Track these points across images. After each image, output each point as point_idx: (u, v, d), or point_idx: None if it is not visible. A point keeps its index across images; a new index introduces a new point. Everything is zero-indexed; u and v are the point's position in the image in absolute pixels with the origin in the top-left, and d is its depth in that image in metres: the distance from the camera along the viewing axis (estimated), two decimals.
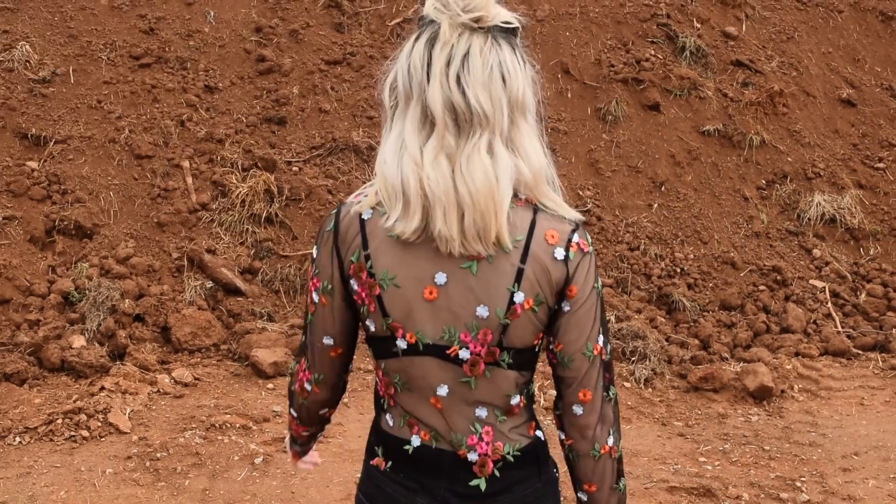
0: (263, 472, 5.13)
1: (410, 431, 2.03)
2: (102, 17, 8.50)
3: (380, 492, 2.08)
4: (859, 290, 7.96)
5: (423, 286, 1.91)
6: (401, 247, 1.90)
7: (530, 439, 2.08)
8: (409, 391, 2.01)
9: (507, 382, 1.98)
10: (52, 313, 6.52)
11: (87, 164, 7.49)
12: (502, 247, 1.86)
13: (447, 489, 2.02)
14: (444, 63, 1.82)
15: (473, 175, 1.81)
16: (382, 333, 1.98)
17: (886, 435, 6.01)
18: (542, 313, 1.94)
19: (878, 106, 9.54)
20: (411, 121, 1.86)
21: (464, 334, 1.93)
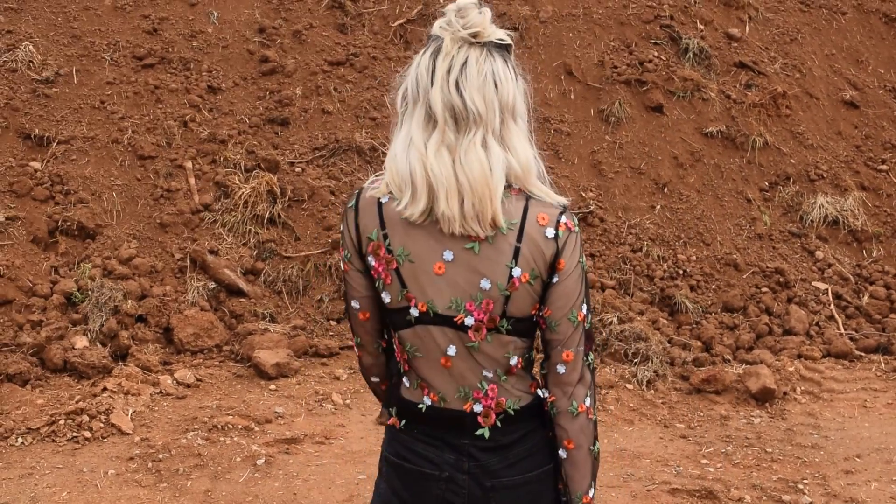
0: (265, 473, 5.13)
1: (422, 394, 2.32)
2: (106, 17, 8.51)
3: (410, 452, 2.35)
4: (862, 292, 7.95)
5: (433, 262, 2.21)
6: (412, 228, 2.20)
7: (532, 396, 2.35)
8: (422, 357, 2.29)
9: (505, 346, 2.27)
10: (54, 314, 6.52)
11: (90, 164, 7.49)
12: (498, 228, 2.16)
13: (463, 444, 2.31)
14: (445, 70, 2.15)
15: (471, 165, 2.12)
16: (398, 304, 2.26)
17: (889, 437, 6.00)
18: (538, 286, 2.23)
19: (881, 108, 9.53)
20: (417, 121, 2.18)
21: (469, 304, 2.22)
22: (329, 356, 6.77)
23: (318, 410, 6.00)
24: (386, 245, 2.23)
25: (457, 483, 2.32)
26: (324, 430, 5.71)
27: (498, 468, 2.32)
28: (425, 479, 2.34)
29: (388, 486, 2.43)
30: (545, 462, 2.37)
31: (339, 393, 6.23)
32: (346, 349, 6.87)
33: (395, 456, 2.39)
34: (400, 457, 2.37)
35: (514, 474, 2.33)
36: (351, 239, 2.29)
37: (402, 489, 2.39)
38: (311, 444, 5.52)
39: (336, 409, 6.04)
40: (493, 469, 2.32)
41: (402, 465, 2.38)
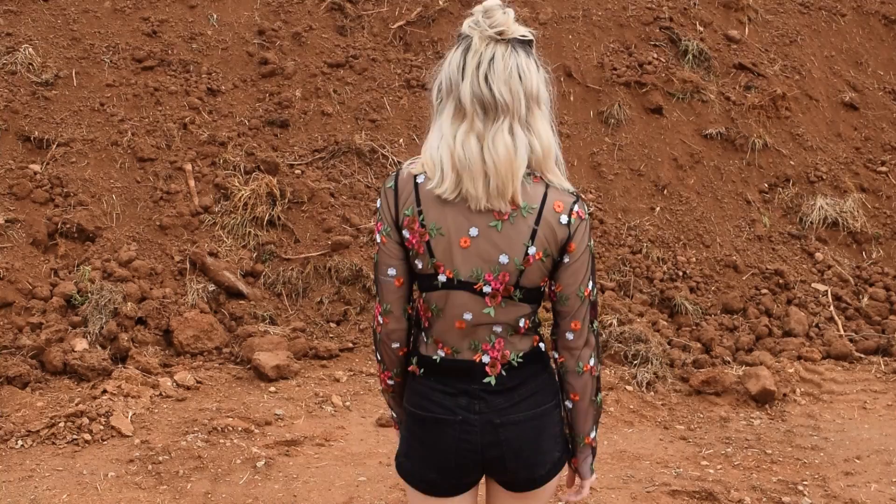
0: (265, 475, 5.13)
1: (437, 348, 2.69)
2: (105, 19, 8.51)
3: (427, 401, 2.70)
4: (862, 293, 7.95)
5: (460, 236, 2.54)
6: (444, 206, 2.53)
7: (533, 347, 2.71)
8: (442, 318, 2.64)
9: (516, 311, 2.64)
10: (54, 316, 6.52)
11: (90, 166, 7.49)
12: (519, 208, 2.52)
13: (474, 390, 2.66)
14: (475, 66, 2.45)
15: (497, 149, 2.44)
16: (428, 271, 2.60)
17: (889, 439, 6.00)
18: (549, 263, 2.59)
19: (880, 109, 9.54)
20: (447, 114, 2.50)
21: (488, 275, 2.57)
22: (329, 358, 6.77)
23: (318, 412, 6.00)
24: (420, 220, 2.55)
25: (470, 423, 2.67)
26: (324, 432, 5.71)
27: (505, 407, 2.67)
28: (442, 424, 2.68)
29: (410, 433, 2.77)
30: (547, 401, 2.73)
31: (338, 395, 6.23)
32: (345, 351, 6.88)
33: (413, 406, 2.73)
34: (418, 406, 2.72)
35: (519, 412, 2.68)
36: (390, 214, 2.60)
37: (422, 434, 2.73)
38: (311, 446, 5.52)
39: (336, 411, 6.04)
40: (501, 408, 2.67)
41: (420, 414, 2.71)
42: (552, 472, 2.79)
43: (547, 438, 2.75)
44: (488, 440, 2.68)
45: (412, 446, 2.77)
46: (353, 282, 7.27)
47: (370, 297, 7.24)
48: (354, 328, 7.09)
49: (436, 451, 2.71)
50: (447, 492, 2.78)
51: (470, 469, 2.74)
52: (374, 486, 5.06)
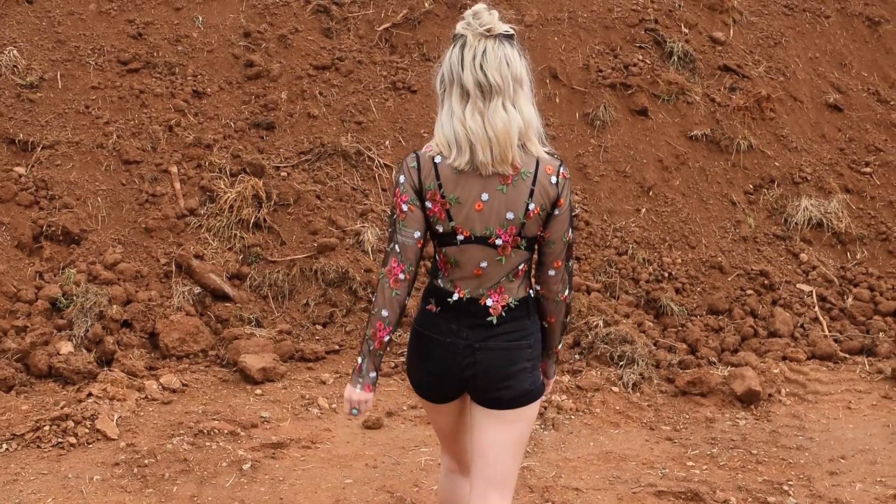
0: (252, 478, 5.13)
1: (454, 290, 3.32)
2: (90, 22, 8.49)
3: (432, 326, 3.36)
4: (846, 294, 7.98)
5: (474, 202, 3.18)
6: (459, 178, 3.17)
7: (525, 294, 3.36)
8: (459, 267, 3.29)
9: (519, 257, 3.28)
10: (39, 319, 6.50)
11: (75, 169, 7.48)
12: (520, 173, 3.15)
13: (477, 323, 3.30)
14: (471, 58, 3.06)
15: (496, 122, 3.07)
16: (447, 231, 3.24)
17: (873, 438, 6.03)
18: (543, 216, 3.23)
19: (864, 111, 9.58)
20: (455, 97, 3.11)
21: (499, 230, 3.20)
22: (315, 360, 6.77)
23: (304, 415, 6.00)
24: (441, 192, 3.18)
25: (455, 346, 3.32)
26: (310, 434, 5.70)
27: (485, 336, 3.31)
28: (435, 343, 3.36)
29: (412, 347, 3.47)
30: (523, 338, 3.35)
31: (325, 397, 6.23)
32: (331, 353, 6.88)
33: (420, 327, 3.41)
34: (423, 328, 3.39)
35: (495, 343, 3.32)
36: (414, 188, 3.21)
37: (420, 349, 3.42)
38: (298, 449, 5.52)
39: (322, 414, 6.03)
40: (483, 337, 3.31)
41: (424, 333, 3.39)
42: (519, 401, 3.35)
43: (517, 370, 3.34)
44: (467, 361, 3.32)
45: (413, 357, 3.49)
46: (340, 284, 7.27)
47: (356, 299, 7.24)
48: (341, 330, 7.09)
49: (427, 361, 3.41)
50: (435, 399, 3.50)
51: (451, 382, 3.39)
52: (361, 488, 5.06)
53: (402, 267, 3.27)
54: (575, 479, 5.30)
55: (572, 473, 5.37)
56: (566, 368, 6.74)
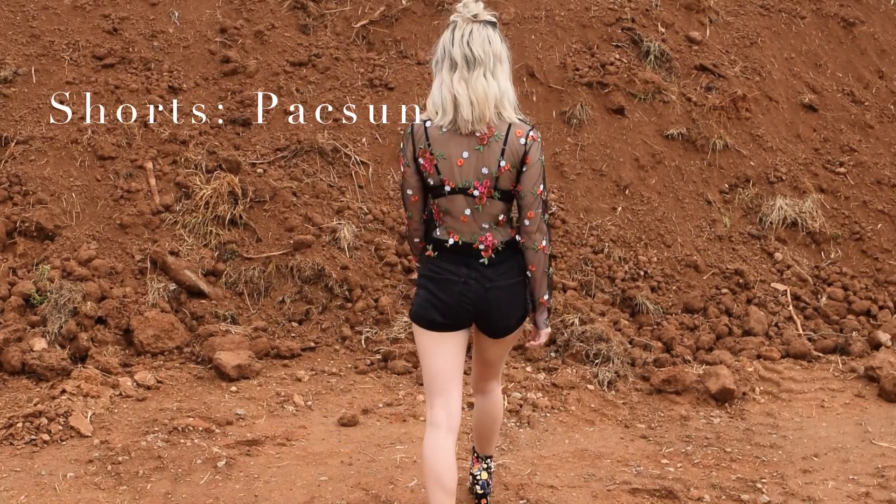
0: (226, 475, 5.11)
1: (448, 236, 4.06)
2: (65, 16, 8.43)
3: (440, 268, 4.07)
4: (820, 293, 8.03)
5: (456, 158, 3.92)
6: (444, 138, 3.91)
7: (510, 237, 4.08)
8: (450, 215, 4.02)
9: (497, 208, 4.00)
10: (12, 315, 6.46)
11: (49, 164, 7.43)
12: (494, 136, 3.87)
13: (472, 265, 4.03)
14: (460, 36, 3.81)
15: (477, 88, 3.81)
16: (437, 184, 3.98)
17: (846, 437, 6.08)
18: (514, 172, 3.93)
19: (839, 111, 9.64)
20: (445, 69, 3.85)
21: (476, 182, 3.93)
22: (290, 358, 6.75)
23: (280, 412, 5.98)
24: (430, 150, 3.94)
25: (469, 285, 4.04)
26: (285, 431, 5.69)
27: (492, 277, 4.06)
28: (451, 282, 4.05)
29: (426, 290, 4.11)
30: (519, 276, 4.11)
31: (300, 394, 6.22)
32: (307, 351, 6.86)
33: (429, 272, 4.10)
34: (433, 272, 4.08)
35: (502, 280, 4.07)
36: (410, 150, 4.01)
37: (436, 289, 4.07)
38: (273, 446, 5.50)
39: (297, 411, 6.02)
40: (490, 277, 4.05)
41: (435, 276, 4.08)
42: (517, 325, 4.22)
43: (517, 301, 4.15)
44: (480, 297, 4.06)
45: (425, 298, 4.09)
46: (316, 281, 7.26)
47: (332, 296, 7.23)
48: (317, 327, 7.07)
49: (443, 299, 4.05)
50: (445, 328, 4.11)
51: (463, 315, 4.10)
52: (336, 485, 5.06)
53: (405, 214, 4.23)
54: (550, 476, 5.31)
55: (547, 471, 5.38)
56: (542, 366, 6.75)
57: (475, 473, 4.85)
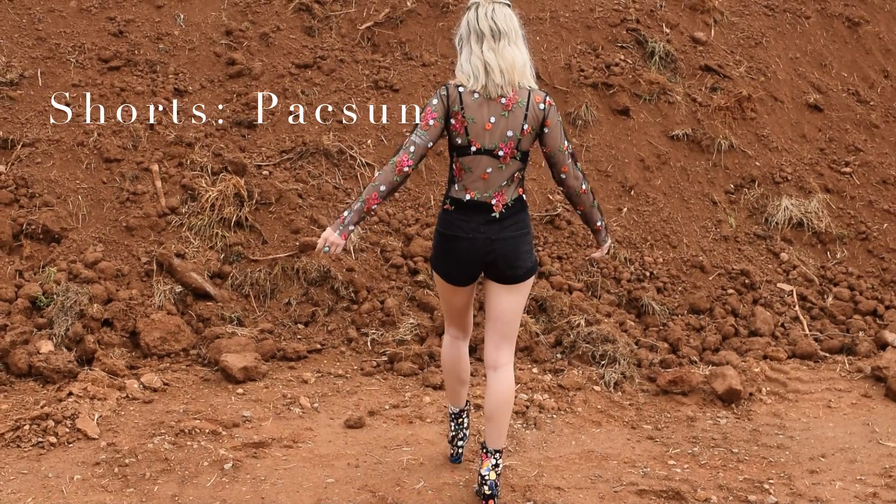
0: (233, 477, 5.12)
1: (465, 192, 4.58)
2: (71, 19, 8.45)
3: (452, 225, 4.61)
4: (826, 293, 8.02)
5: (485, 122, 4.46)
6: (477, 104, 4.45)
7: (518, 195, 4.64)
8: (472, 173, 4.55)
9: (515, 167, 4.57)
10: (19, 318, 6.47)
11: (55, 167, 7.44)
12: (517, 103, 4.46)
13: (487, 219, 4.57)
14: (485, 14, 4.43)
15: (505, 55, 4.42)
16: (464, 144, 4.50)
17: (853, 437, 6.07)
18: (534, 134, 4.54)
19: (844, 111, 9.63)
20: (473, 42, 4.45)
21: (501, 144, 4.49)
22: (297, 360, 6.76)
23: (286, 414, 5.99)
24: (462, 113, 4.46)
25: (475, 241, 4.59)
26: (291, 433, 5.69)
27: (498, 229, 4.58)
28: (459, 239, 4.61)
29: (441, 245, 4.69)
30: (523, 228, 4.64)
31: (306, 396, 6.22)
32: (313, 353, 6.86)
33: (444, 229, 4.64)
34: (447, 229, 4.62)
35: (506, 234, 4.59)
36: (443, 108, 4.49)
37: (447, 246, 4.65)
38: (279, 448, 5.51)
39: (304, 413, 6.02)
40: (496, 230, 4.58)
41: (447, 234, 4.63)
42: (527, 275, 4.68)
43: (522, 252, 4.64)
44: (487, 249, 4.59)
45: (441, 252, 4.70)
46: (321, 283, 7.26)
47: (338, 298, 7.23)
48: (322, 329, 7.08)
49: (453, 255, 4.64)
50: (459, 282, 4.73)
51: (472, 270, 4.66)
52: (343, 487, 5.06)
53: (410, 162, 4.47)
54: (557, 478, 5.31)
55: (554, 472, 5.38)
56: (548, 368, 6.75)
57: (483, 473, 4.82)
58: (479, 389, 6.40)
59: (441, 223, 4.67)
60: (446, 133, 4.56)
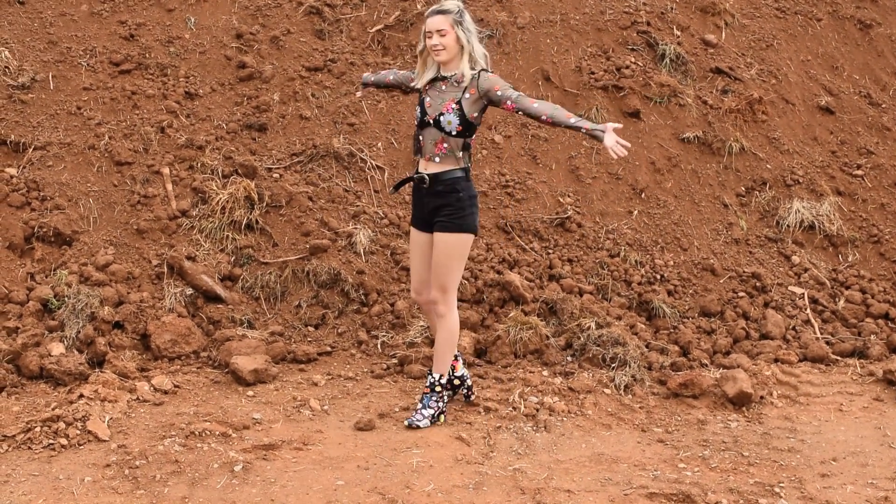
0: (243, 479, 5.12)
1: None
2: (82, 23, 8.48)
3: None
4: (838, 296, 8.00)
5: None
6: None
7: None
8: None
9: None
10: (30, 320, 6.49)
11: (67, 170, 7.46)
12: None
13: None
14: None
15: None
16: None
17: (864, 441, 6.05)
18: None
19: (856, 113, 9.61)
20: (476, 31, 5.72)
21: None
22: (307, 362, 6.76)
23: (296, 416, 5.99)
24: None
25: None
26: (301, 436, 5.70)
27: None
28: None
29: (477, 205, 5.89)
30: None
31: (316, 399, 6.22)
32: (323, 355, 6.87)
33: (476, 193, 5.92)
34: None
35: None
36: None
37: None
38: (289, 451, 5.51)
39: (314, 415, 6.03)
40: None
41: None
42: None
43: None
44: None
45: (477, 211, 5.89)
46: (332, 286, 7.27)
47: (348, 300, 7.24)
48: (332, 332, 7.08)
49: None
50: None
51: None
52: (352, 489, 5.06)
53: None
54: (567, 480, 5.30)
55: (564, 475, 5.37)
56: (558, 370, 6.75)
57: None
58: (489, 392, 6.40)
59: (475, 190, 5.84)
60: (480, 116, 5.68)
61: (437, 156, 5.68)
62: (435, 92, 5.74)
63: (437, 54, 5.65)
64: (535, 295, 7.35)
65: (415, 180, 5.80)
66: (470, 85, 5.63)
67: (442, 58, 5.65)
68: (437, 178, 5.68)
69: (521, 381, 6.48)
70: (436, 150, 5.67)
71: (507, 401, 6.27)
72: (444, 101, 5.66)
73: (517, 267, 7.60)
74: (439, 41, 5.60)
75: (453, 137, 5.64)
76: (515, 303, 7.29)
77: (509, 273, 7.41)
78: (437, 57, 5.66)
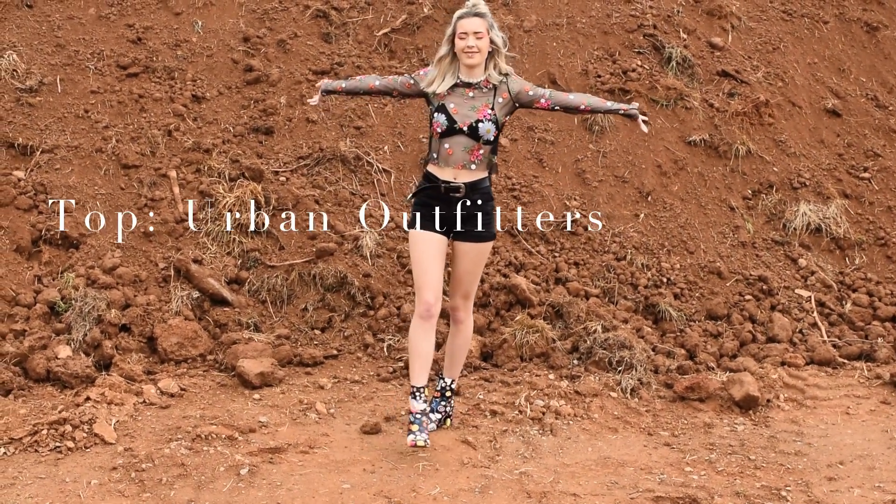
0: (249, 482, 5.13)
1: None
2: (90, 26, 8.50)
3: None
4: (845, 299, 7.99)
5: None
6: None
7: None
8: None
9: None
10: (37, 323, 6.50)
11: (74, 173, 7.48)
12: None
13: None
14: None
15: None
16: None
17: (871, 444, 6.03)
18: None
19: (863, 116, 9.59)
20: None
21: None
22: (313, 365, 6.77)
23: (302, 420, 6.00)
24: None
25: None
26: (308, 439, 5.70)
27: None
28: None
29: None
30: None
31: (323, 402, 6.23)
32: (330, 359, 6.88)
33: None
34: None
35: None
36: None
37: None
38: (295, 454, 5.51)
39: (320, 419, 6.03)
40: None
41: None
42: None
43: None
44: None
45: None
46: (338, 289, 7.27)
47: (355, 304, 7.24)
48: (339, 335, 7.09)
49: None
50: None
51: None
52: (358, 493, 5.06)
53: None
54: (573, 484, 5.30)
55: (570, 479, 5.37)
56: (564, 374, 6.74)
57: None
58: (495, 396, 6.40)
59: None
60: (506, 120, 5.65)
61: (472, 163, 5.49)
62: (459, 98, 5.52)
63: (470, 56, 5.45)
64: (541, 298, 7.35)
65: (445, 188, 5.51)
66: (500, 89, 5.53)
67: (475, 60, 5.45)
68: (473, 186, 5.50)
69: (528, 385, 6.48)
70: (471, 157, 5.48)
71: (514, 404, 6.28)
72: (475, 108, 5.47)
73: (523, 270, 7.60)
74: (475, 43, 5.43)
75: (486, 144, 5.49)
76: (522, 306, 7.29)
77: (515, 276, 7.41)
78: (470, 59, 5.45)
